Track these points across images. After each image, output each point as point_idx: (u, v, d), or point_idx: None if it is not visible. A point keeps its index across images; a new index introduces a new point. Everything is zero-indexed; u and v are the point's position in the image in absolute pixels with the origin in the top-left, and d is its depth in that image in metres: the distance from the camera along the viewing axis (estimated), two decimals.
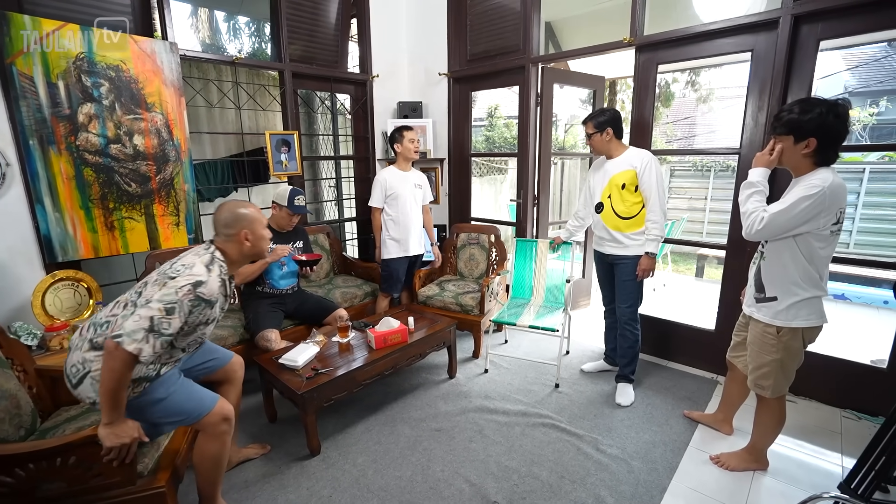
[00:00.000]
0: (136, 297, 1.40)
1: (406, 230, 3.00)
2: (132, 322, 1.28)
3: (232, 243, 1.53)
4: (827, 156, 1.50)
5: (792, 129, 1.51)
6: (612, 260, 2.49)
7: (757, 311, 1.72)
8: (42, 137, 2.18)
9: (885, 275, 4.29)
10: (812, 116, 1.46)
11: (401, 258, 3.03)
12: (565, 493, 1.79)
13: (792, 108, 1.51)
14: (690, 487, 1.83)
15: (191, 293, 1.35)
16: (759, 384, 1.75)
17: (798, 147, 1.51)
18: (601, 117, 2.36)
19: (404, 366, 2.43)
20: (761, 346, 1.71)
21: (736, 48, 2.40)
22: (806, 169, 1.55)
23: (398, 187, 2.97)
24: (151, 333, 1.29)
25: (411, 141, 2.94)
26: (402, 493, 1.80)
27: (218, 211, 1.55)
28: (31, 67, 2.12)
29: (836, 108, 1.45)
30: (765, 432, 1.85)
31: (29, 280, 2.21)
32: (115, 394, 1.29)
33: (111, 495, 1.40)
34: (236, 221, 1.51)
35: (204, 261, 1.42)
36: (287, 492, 1.82)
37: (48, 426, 1.62)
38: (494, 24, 3.36)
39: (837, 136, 1.47)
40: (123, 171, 2.46)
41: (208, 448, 1.50)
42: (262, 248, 1.60)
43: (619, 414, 2.33)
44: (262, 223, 1.58)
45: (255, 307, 2.50)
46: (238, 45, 5.23)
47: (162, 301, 1.32)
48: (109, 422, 1.30)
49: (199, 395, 1.52)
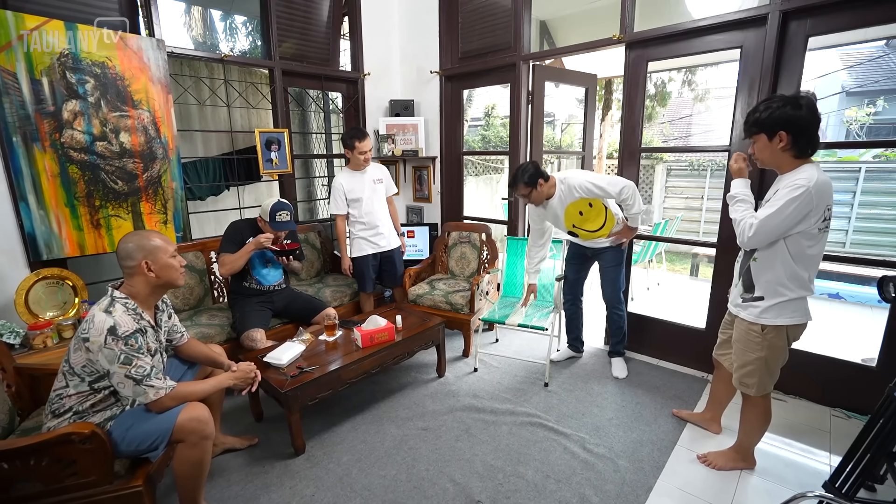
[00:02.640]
0: (66, 367, 1.43)
1: (373, 227, 2.97)
2: (128, 390, 1.40)
3: (136, 277, 1.48)
4: (802, 147, 1.52)
5: (762, 128, 1.54)
6: (592, 253, 2.61)
7: (742, 310, 1.71)
8: (26, 134, 2.16)
9: (880, 274, 4.28)
10: (773, 111, 1.50)
11: (369, 256, 2.99)
12: (550, 492, 1.78)
13: (756, 108, 1.56)
14: (677, 487, 1.81)
15: (115, 339, 1.36)
16: (744, 382, 1.74)
17: (773, 143, 1.54)
18: (526, 176, 2.36)
19: (391, 364, 2.41)
20: (746, 344, 1.70)
21: (725, 45, 2.38)
22: (788, 164, 1.55)
23: (357, 189, 2.92)
24: (143, 381, 1.41)
25: (361, 153, 2.86)
26: (386, 492, 1.79)
27: (118, 245, 1.50)
28: (14, 63, 2.10)
29: (797, 99, 1.49)
30: (750, 431, 1.84)
31: (12, 278, 2.19)
32: (200, 395, 1.55)
33: (87, 494, 1.39)
34: (135, 252, 1.46)
35: (102, 307, 1.41)
36: (270, 491, 1.80)
37: (29, 426, 1.61)
38: (486, 21, 3.35)
39: (806, 125, 1.49)
40: (110, 168, 2.44)
41: (188, 455, 1.48)
42: (170, 277, 1.53)
43: (608, 413, 2.32)
44: (164, 251, 1.51)
45: (242, 306, 2.49)
46: (231, 44, 5.21)
47: (111, 363, 1.37)
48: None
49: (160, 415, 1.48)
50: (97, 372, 1.40)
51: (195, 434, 1.44)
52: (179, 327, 1.75)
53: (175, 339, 1.73)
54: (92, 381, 1.41)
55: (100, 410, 1.45)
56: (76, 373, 1.40)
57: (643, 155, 2.86)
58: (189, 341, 1.78)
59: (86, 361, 1.39)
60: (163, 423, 1.43)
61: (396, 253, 3.14)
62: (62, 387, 1.43)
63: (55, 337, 2.14)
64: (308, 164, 4.75)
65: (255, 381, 1.77)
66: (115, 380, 1.39)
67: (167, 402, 1.44)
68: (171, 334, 1.70)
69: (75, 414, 1.42)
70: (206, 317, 2.57)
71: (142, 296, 1.50)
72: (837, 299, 4.45)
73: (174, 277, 1.55)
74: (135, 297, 1.48)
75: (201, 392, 1.55)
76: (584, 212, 2.40)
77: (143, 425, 1.42)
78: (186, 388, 1.51)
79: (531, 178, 2.36)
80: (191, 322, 2.50)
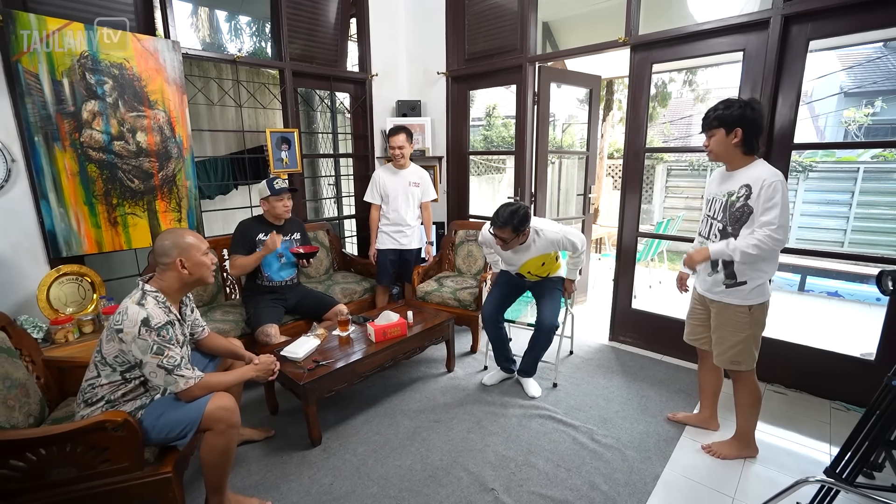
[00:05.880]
0: (98, 357, 1.48)
1: (397, 226, 3.09)
2: (159, 380, 1.46)
3: (170, 272, 1.55)
4: (752, 145, 1.74)
5: (722, 123, 1.73)
6: (530, 284, 2.62)
7: (727, 296, 1.83)
8: (47, 134, 2.22)
9: (877, 272, 4.35)
10: (734, 110, 1.70)
11: (389, 250, 3.12)
12: (561, 480, 1.84)
13: (717, 107, 1.75)
14: (683, 475, 1.88)
15: (148, 331, 1.42)
16: (736, 360, 1.85)
17: (729, 138, 1.73)
18: (517, 220, 2.16)
19: (403, 359, 2.47)
20: (735, 325, 1.83)
21: (728, 48, 2.45)
22: (739, 160, 1.77)
23: (390, 186, 3.06)
24: (174, 370, 1.46)
25: (391, 148, 3.01)
26: (402, 480, 1.85)
27: (155, 242, 1.57)
28: (37, 65, 2.15)
29: (752, 103, 1.71)
30: (747, 413, 1.93)
31: (34, 275, 2.25)
32: (226, 385, 1.60)
33: (119, 480, 1.44)
34: (171, 250, 1.53)
35: (135, 300, 1.47)
36: (289, 480, 1.86)
37: (58, 416, 1.66)
38: (492, 23, 3.41)
39: (758, 126, 1.72)
40: (126, 167, 2.50)
41: (215, 443, 1.52)
42: (202, 274, 1.60)
43: (614, 406, 2.38)
44: (198, 249, 1.58)
45: (256, 302, 2.54)
46: (238, 45, 5.26)
47: (144, 353, 1.42)
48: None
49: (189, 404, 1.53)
50: (129, 362, 1.46)
51: (223, 422, 1.50)
52: (201, 321, 1.81)
53: (197, 333, 1.78)
54: (123, 371, 1.47)
55: (130, 399, 1.51)
56: (108, 363, 1.46)
57: (645, 155, 2.92)
58: (210, 335, 1.84)
59: (118, 352, 1.44)
60: (192, 411, 1.48)
61: (415, 253, 3.23)
62: (94, 377, 1.48)
63: (76, 332, 2.19)
64: (314, 164, 4.81)
65: (274, 372, 1.84)
66: (148, 369, 1.44)
67: (196, 392, 1.50)
68: (194, 328, 1.76)
69: (107, 403, 1.47)
70: (220, 313, 2.62)
71: (172, 291, 1.56)
72: (836, 297, 4.53)
73: (206, 275, 1.62)
74: (165, 291, 1.54)
75: (228, 382, 1.61)
76: (546, 262, 2.49)
77: (172, 414, 1.48)
78: (214, 379, 1.57)
79: (521, 224, 2.18)
80: (206, 318, 2.55)
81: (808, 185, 6.22)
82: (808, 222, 6.21)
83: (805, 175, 6.21)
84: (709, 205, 1.92)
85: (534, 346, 2.48)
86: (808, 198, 6.20)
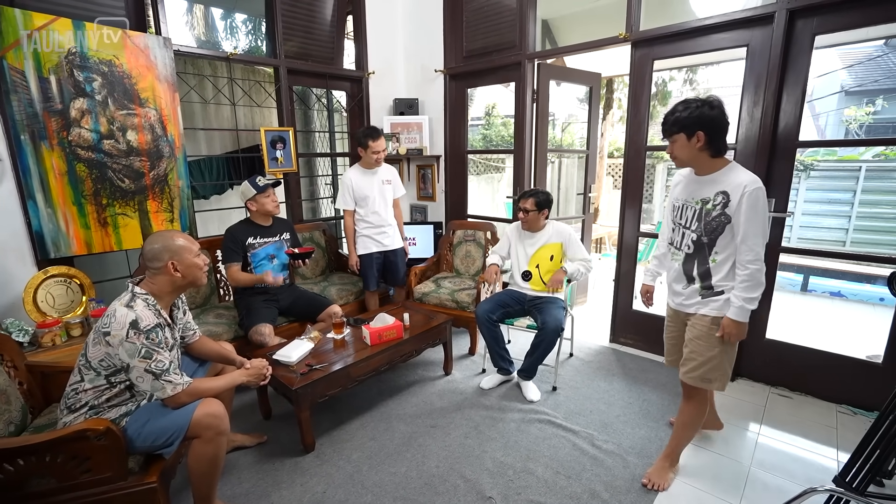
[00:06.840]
0: (83, 361, 1.43)
1: (378, 227, 2.99)
2: (146, 385, 1.41)
3: (161, 276, 1.50)
4: (718, 147, 1.60)
5: (682, 127, 1.59)
6: (529, 305, 2.61)
7: (703, 306, 1.70)
8: (34, 132, 2.16)
9: (881, 272, 4.31)
10: (692, 111, 1.56)
11: (373, 254, 3.00)
12: (560, 488, 1.79)
13: (675, 110, 1.62)
14: (686, 482, 1.82)
15: (137, 333, 1.37)
16: (707, 378, 1.71)
17: (691, 143, 1.59)
18: (543, 197, 2.54)
19: (399, 362, 2.42)
20: (708, 339, 1.69)
21: (731, 43, 2.39)
22: (707, 165, 1.63)
23: (365, 188, 2.92)
24: (162, 375, 1.41)
25: (374, 152, 2.84)
26: (397, 488, 1.79)
27: (144, 246, 1.52)
28: (23, 62, 2.10)
29: (710, 101, 1.57)
30: (687, 433, 1.82)
31: (20, 276, 2.19)
32: (215, 391, 1.55)
33: (101, 491, 1.39)
34: (162, 253, 1.48)
35: (123, 302, 1.42)
36: (281, 488, 1.80)
37: (41, 423, 1.61)
38: (490, 20, 3.36)
39: (720, 126, 1.57)
40: (117, 166, 2.44)
41: (203, 451, 1.48)
42: (195, 276, 1.55)
43: (615, 410, 2.33)
44: (190, 251, 1.53)
45: (249, 303, 2.49)
46: (234, 42, 5.21)
47: (132, 357, 1.37)
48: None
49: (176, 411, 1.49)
50: (114, 366, 1.41)
51: (211, 430, 1.45)
52: (192, 324, 1.75)
53: (188, 337, 1.73)
54: (108, 375, 1.42)
55: (115, 405, 1.45)
56: (93, 367, 1.40)
57: (646, 153, 2.86)
58: (201, 339, 1.78)
59: (104, 356, 1.39)
60: (179, 418, 1.43)
61: (400, 253, 3.15)
62: (77, 381, 1.43)
63: (63, 335, 2.13)
64: (311, 163, 4.76)
65: (266, 377, 1.78)
66: (135, 374, 1.39)
67: (184, 398, 1.45)
68: (185, 331, 1.71)
69: (91, 409, 1.42)
70: (213, 315, 2.57)
71: (163, 294, 1.51)
72: (839, 297, 4.48)
73: (199, 277, 1.57)
74: (155, 294, 1.50)
75: (217, 388, 1.55)
76: (554, 256, 2.59)
77: (158, 421, 1.43)
78: (202, 385, 1.51)
79: (545, 203, 2.54)
80: (198, 321, 2.49)
81: (809, 183, 6.17)
82: (809, 221, 6.16)
83: (807, 174, 6.16)
84: (677, 211, 1.75)
85: (537, 346, 2.43)
86: (809, 197, 6.14)
